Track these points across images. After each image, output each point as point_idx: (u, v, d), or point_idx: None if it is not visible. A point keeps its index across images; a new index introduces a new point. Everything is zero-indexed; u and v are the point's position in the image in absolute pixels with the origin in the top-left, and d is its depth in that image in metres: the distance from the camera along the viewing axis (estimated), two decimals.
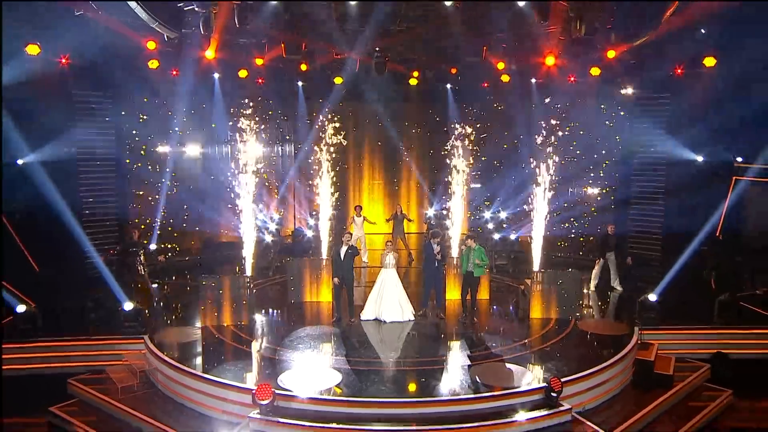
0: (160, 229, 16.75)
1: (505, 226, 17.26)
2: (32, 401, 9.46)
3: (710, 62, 13.73)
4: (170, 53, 14.68)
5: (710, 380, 10.33)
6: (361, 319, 11.72)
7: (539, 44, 14.97)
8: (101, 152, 15.39)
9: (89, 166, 15.21)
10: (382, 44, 15.91)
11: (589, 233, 17.20)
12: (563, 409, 8.37)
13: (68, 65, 13.85)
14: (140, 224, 16.04)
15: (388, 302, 11.66)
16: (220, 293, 11.54)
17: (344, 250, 11.58)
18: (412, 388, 9.06)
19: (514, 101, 17.73)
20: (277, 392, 8.23)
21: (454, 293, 12.63)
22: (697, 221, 14.10)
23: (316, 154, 13.68)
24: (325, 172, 13.62)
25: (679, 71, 15.00)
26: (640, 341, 10.67)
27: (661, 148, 15.99)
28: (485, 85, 18.58)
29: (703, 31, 13.30)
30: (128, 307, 11.04)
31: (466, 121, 16.89)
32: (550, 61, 15.12)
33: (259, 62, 15.88)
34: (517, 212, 17.77)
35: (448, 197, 14.61)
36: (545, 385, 8.45)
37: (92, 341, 10.76)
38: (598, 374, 9.25)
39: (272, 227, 16.83)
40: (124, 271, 12.84)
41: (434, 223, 16.81)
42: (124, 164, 16.06)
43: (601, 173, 17.42)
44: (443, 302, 12.25)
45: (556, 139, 12.51)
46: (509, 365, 9.47)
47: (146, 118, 16.55)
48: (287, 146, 19.79)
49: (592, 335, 11.11)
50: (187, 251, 17.73)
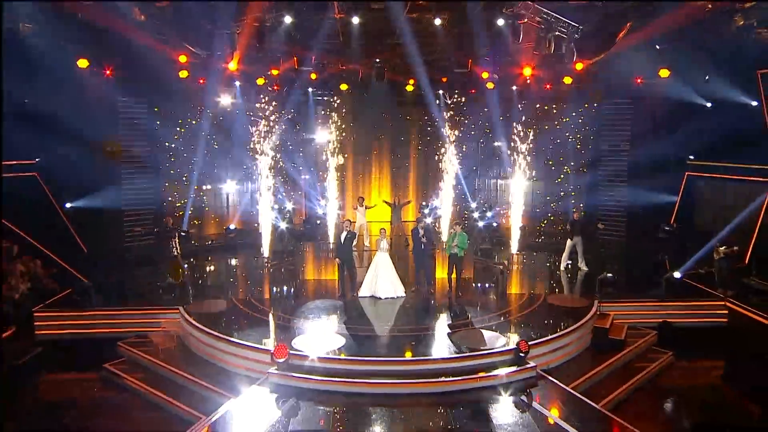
0: (189, 218, 17.11)
1: (489, 214, 17.46)
2: (88, 360, 9.99)
3: (665, 73, 14.22)
4: (198, 65, 14.97)
5: (656, 344, 10.82)
6: (358, 296, 11.94)
7: (517, 58, 15.24)
8: (137, 152, 15.81)
9: (130, 166, 15.73)
10: (381, 56, 16.34)
11: (562, 216, 17.51)
12: (529, 366, 8.78)
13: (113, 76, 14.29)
14: (175, 212, 16.34)
15: (382, 281, 11.85)
16: (242, 272, 11.89)
17: (344, 235, 11.97)
18: (403, 349, 9.45)
19: (498, 105, 17.80)
20: (291, 352, 8.59)
21: (442, 272, 12.92)
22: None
23: (324, 150, 13.97)
24: (332, 167, 14.00)
25: (638, 81, 15.52)
26: (598, 312, 11.09)
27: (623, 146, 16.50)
28: (473, 91, 18.93)
29: (657, 47, 13.81)
30: (165, 282, 11.64)
31: (455, 123, 17.26)
32: (527, 71, 15.39)
33: (275, 72, 16.15)
34: (498, 203, 18.32)
35: (440, 189, 14.98)
36: (515, 347, 8.87)
37: (137, 311, 11.30)
38: (560, 338, 9.75)
39: (287, 215, 17.14)
40: (162, 252, 13.24)
41: (426, 212, 16.98)
42: (158, 162, 16.47)
43: (572, 163, 17.88)
44: (433, 280, 12.55)
45: (533, 138, 12.86)
46: (486, 331, 9.64)
47: (180, 122, 16.86)
48: (299, 144, 20.06)
49: (559, 307, 11.40)
50: (212, 236, 17.97)
